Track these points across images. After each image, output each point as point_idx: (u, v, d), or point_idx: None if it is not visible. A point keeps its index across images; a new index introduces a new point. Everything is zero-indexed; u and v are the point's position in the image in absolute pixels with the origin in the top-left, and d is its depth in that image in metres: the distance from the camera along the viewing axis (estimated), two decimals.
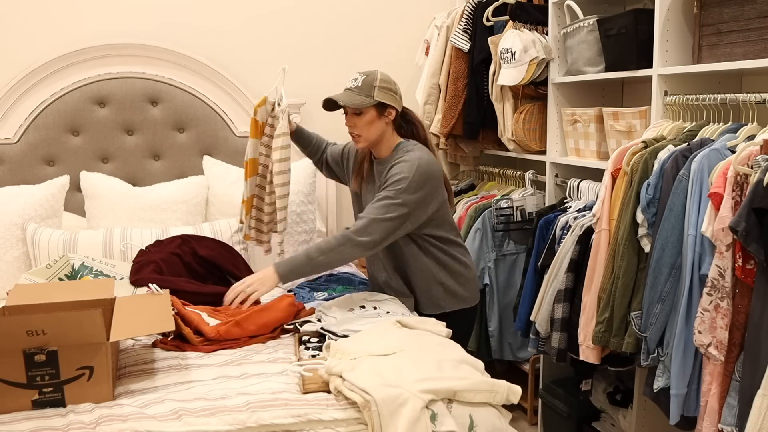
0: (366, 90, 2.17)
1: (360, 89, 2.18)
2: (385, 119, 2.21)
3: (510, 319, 3.05)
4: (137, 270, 2.36)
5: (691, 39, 2.34)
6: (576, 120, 2.78)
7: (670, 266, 1.99)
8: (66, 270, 2.40)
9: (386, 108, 2.20)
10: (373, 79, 2.18)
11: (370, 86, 2.17)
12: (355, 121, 2.20)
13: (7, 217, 2.61)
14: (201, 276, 2.47)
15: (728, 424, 1.79)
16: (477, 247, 3.00)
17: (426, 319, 2.13)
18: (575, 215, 2.53)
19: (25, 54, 3.06)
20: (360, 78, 2.19)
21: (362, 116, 2.18)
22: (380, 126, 2.21)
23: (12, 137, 2.99)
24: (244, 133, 3.27)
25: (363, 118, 2.18)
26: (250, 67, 3.39)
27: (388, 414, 1.58)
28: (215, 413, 1.60)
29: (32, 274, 2.34)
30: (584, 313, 2.26)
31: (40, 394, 1.62)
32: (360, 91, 2.17)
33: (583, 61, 2.69)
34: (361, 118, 2.19)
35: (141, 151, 3.15)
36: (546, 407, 2.88)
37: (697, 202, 1.91)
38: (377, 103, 2.17)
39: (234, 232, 2.76)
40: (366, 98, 2.16)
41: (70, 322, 1.61)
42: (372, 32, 3.57)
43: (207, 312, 2.13)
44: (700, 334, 1.84)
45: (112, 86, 3.08)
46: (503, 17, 3.02)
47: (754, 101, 2.02)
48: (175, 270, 2.39)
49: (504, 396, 1.73)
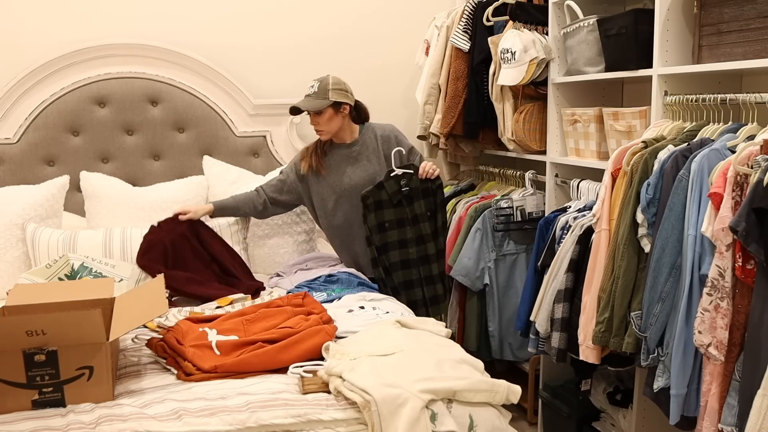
0: (322, 94, 2.61)
1: (317, 94, 2.62)
2: (341, 114, 2.67)
3: (510, 319, 3.05)
4: (146, 250, 2.53)
5: (691, 39, 2.34)
6: (576, 120, 2.78)
7: (670, 266, 1.98)
8: (66, 270, 2.40)
9: (341, 105, 2.65)
10: (327, 83, 2.62)
11: (325, 90, 2.61)
12: (317, 119, 2.65)
13: (7, 217, 2.61)
14: (206, 262, 2.59)
15: (728, 424, 1.79)
16: (477, 247, 3.00)
17: (425, 319, 2.13)
18: (575, 215, 2.53)
19: (25, 54, 3.06)
20: (315, 84, 2.63)
21: (322, 115, 2.63)
22: (338, 120, 2.67)
23: (12, 137, 2.99)
24: (243, 133, 3.27)
25: (323, 116, 2.63)
26: (250, 67, 3.39)
27: (388, 414, 1.58)
28: (215, 413, 1.60)
29: (32, 274, 2.34)
30: (584, 313, 2.26)
31: (40, 394, 1.62)
32: (317, 96, 2.61)
33: (583, 61, 2.69)
34: (322, 116, 2.64)
35: (141, 151, 3.15)
36: (546, 407, 2.88)
37: (697, 202, 1.91)
38: (333, 102, 2.61)
39: (234, 232, 2.75)
40: (323, 100, 2.61)
41: (70, 322, 1.61)
42: (372, 32, 3.56)
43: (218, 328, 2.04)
44: (700, 334, 1.84)
45: (112, 86, 3.08)
46: (503, 17, 3.02)
47: (754, 101, 2.02)
48: (182, 255, 2.57)
49: (504, 396, 1.73)
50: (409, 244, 2.69)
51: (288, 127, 3.34)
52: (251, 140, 3.29)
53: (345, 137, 2.75)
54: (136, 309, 1.82)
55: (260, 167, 3.26)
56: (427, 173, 2.64)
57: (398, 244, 2.70)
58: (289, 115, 3.32)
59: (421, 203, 2.69)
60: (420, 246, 2.70)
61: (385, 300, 2.41)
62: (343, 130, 2.72)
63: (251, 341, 1.93)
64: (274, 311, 2.15)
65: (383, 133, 2.77)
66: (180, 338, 1.95)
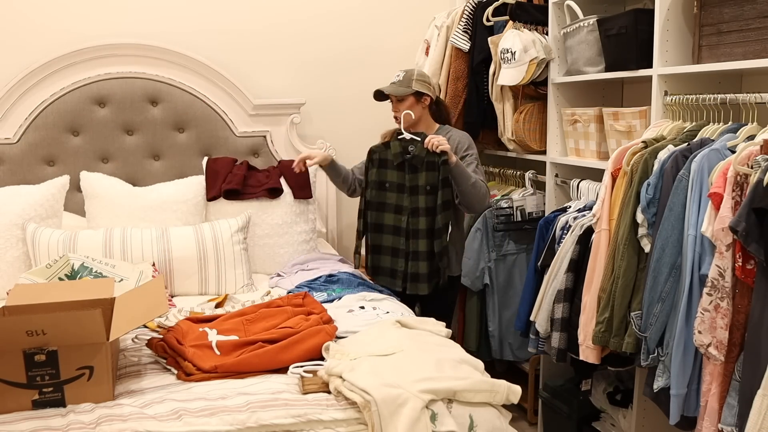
0: (406, 82, 2.67)
1: (401, 82, 2.68)
2: (421, 105, 2.71)
3: (510, 319, 3.05)
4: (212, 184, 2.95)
5: (691, 39, 2.34)
6: (576, 120, 2.78)
7: (670, 266, 1.98)
8: (66, 270, 2.40)
9: (422, 96, 2.70)
10: (412, 73, 2.69)
11: (409, 79, 2.68)
12: (399, 106, 2.70)
13: (7, 217, 2.61)
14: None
15: (728, 424, 1.79)
16: (477, 247, 3.00)
17: (426, 320, 2.13)
18: (575, 215, 2.53)
19: (25, 54, 3.06)
20: (401, 74, 2.71)
21: (403, 102, 2.68)
22: (418, 110, 2.70)
23: (12, 137, 2.99)
24: (243, 133, 3.28)
25: (404, 104, 2.68)
26: (250, 68, 3.39)
27: (388, 414, 1.58)
28: (215, 413, 1.60)
29: (32, 274, 2.34)
30: (584, 313, 2.26)
31: (40, 394, 1.62)
32: (401, 84, 2.68)
33: (583, 61, 2.69)
34: (403, 104, 2.68)
35: (141, 151, 3.15)
36: (546, 407, 2.88)
37: (697, 202, 1.91)
38: (415, 91, 2.66)
39: (233, 232, 2.75)
40: (406, 88, 2.67)
41: (70, 322, 1.61)
42: (372, 32, 3.56)
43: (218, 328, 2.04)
44: (700, 334, 1.84)
45: (112, 86, 3.08)
46: (503, 17, 3.02)
47: (754, 101, 2.02)
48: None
49: (504, 396, 1.73)
50: (403, 211, 2.63)
51: (288, 127, 3.34)
52: (251, 140, 3.29)
53: (421, 129, 2.73)
54: (136, 309, 1.82)
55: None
56: (431, 144, 2.53)
57: (394, 208, 2.65)
58: (288, 114, 3.33)
59: (422, 175, 2.60)
60: (414, 218, 2.61)
61: (385, 300, 2.41)
62: (421, 122, 2.73)
63: (251, 341, 1.92)
64: (274, 311, 2.15)
65: (459, 137, 2.73)
66: (180, 338, 1.95)
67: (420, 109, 2.70)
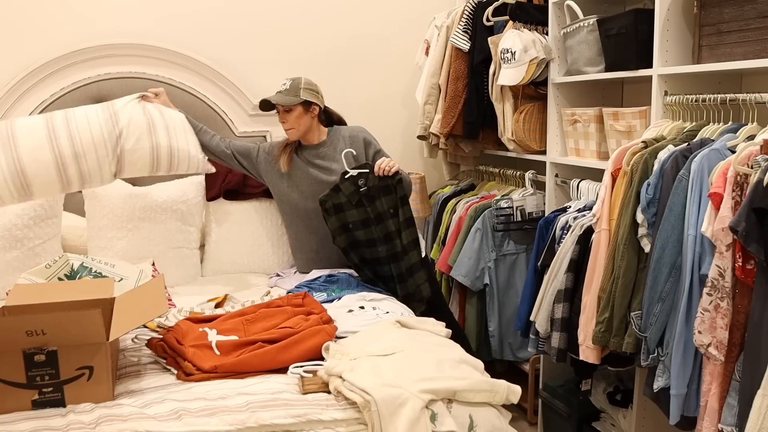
0: (293, 91, 2.64)
1: (288, 91, 2.64)
2: (310, 114, 2.69)
3: (510, 319, 3.05)
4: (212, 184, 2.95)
5: (691, 39, 2.34)
6: (576, 120, 2.78)
7: (670, 266, 1.98)
8: (65, 270, 2.40)
9: (311, 105, 2.67)
10: (299, 82, 2.66)
11: (296, 88, 2.65)
12: (287, 117, 2.67)
13: (7, 217, 2.61)
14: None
15: (728, 424, 1.79)
16: (477, 247, 3.00)
17: (425, 320, 2.13)
18: (575, 215, 2.53)
19: (25, 54, 3.06)
20: (288, 83, 2.67)
21: (291, 113, 2.65)
22: (307, 120, 2.69)
23: None
24: (243, 133, 3.27)
25: (292, 114, 2.66)
26: (250, 67, 3.39)
27: (388, 414, 1.58)
28: (215, 413, 1.60)
29: (31, 274, 2.34)
30: (584, 313, 2.26)
31: (40, 394, 1.62)
32: (288, 93, 2.64)
33: (583, 61, 2.69)
34: (291, 114, 2.66)
35: None
36: (546, 407, 2.88)
37: (697, 202, 1.91)
38: (303, 101, 2.63)
39: None
40: (294, 98, 2.63)
41: (70, 322, 1.61)
42: (372, 32, 3.56)
43: (218, 328, 2.04)
44: (700, 334, 1.84)
45: (112, 86, 3.08)
46: (503, 17, 3.02)
47: (754, 101, 2.02)
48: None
49: (504, 396, 1.73)
50: (377, 243, 2.62)
51: None
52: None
53: (312, 138, 2.75)
54: (136, 309, 1.82)
55: None
56: (383, 170, 2.56)
57: (366, 243, 2.64)
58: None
59: (382, 201, 2.61)
60: (389, 244, 2.62)
61: (385, 300, 2.41)
62: (311, 131, 2.73)
63: (251, 341, 1.92)
64: (274, 311, 2.15)
65: (351, 133, 2.77)
66: (180, 338, 1.95)
67: (309, 119, 2.69)
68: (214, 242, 2.93)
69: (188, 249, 2.85)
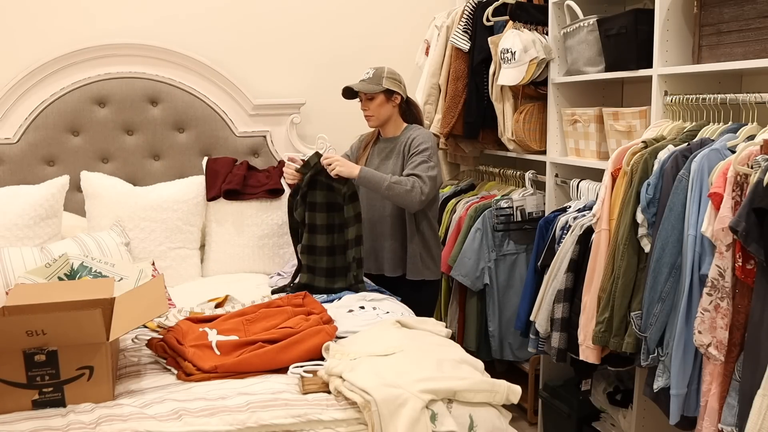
0: (376, 80, 2.65)
1: (371, 79, 2.66)
2: (392, 103, 2.69)
3: (510, 319, 3.05)
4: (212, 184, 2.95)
5: (691, 39, 2.34)
6: (576, 120, 2.78)
7: (670, 266, 1.99)
8: (65, 269, 2.40)
9: (393, 94, 2.67)
10: (382, 71, 2.67)
11: (379, 77, 2.65)
12: (369, 104, 2.68)
13: (7, 217, 2.61)
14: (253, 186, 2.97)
15: (728, 424, 1.79)
16: (477, 247, 3.00)
17: (426, 320, 2.13)
18: (575, 215, 2.53)
19: (25, 54, 3.06)
20: (371, 71, 2.68)
21: (374, 100, 2.67)
22: (388, 109, 2.69)
23: (12, 137, 2.99)
24: (244, 133, 3.27)
25: (374, 101, 2.67)
26: (250, 67, 3.39)
27: (388, 414, 1.58)
28: (215, 413, 1.60)
29: (32, 274, 2.34)
30: (584, 313, 2.26)
31: (40, 394, 1.62)
32: (371, 81, 2.66)
33: (583, 61, 2.69)
34: (373, 101, 2.67)
35: (141, 151, 3.15)
36: (546, 407, 2.88)
37: (697, 202, 1.91)
38: (385, 89, 2.64)
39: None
40: (376, 86, 2.64)
41: (70, 322, 1.61)
42: (372, 32, 3.56)
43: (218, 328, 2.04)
44: (700, 334, 1.84)
45: (112, 86, 3.08)
46: (503, 17, 3.02)
47: (754, 101, 2.02)
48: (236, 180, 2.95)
49: (504, 396, 1.73)
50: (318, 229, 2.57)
51: (288, 127, 3.34)
52: (251, 140, 3.29)
53: (389, 131, 2.74)
54: (136, 309, 1.82)
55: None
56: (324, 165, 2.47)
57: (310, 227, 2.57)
58: (288, 114, 3.33)
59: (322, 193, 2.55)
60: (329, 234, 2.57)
61: (385, 300, 2.41)
62: (390, 122, 2.71)
63: (251, 341, 1.92)
64: (274, 311, 2.15)
65: (417, 136, 2.63)
66: (180, 338, 1.95)
67: (390, 108, 2.68)
68: (214, 242, 2.93)
69: (188, 249, 2.85)
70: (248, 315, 2.14)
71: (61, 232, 2.77)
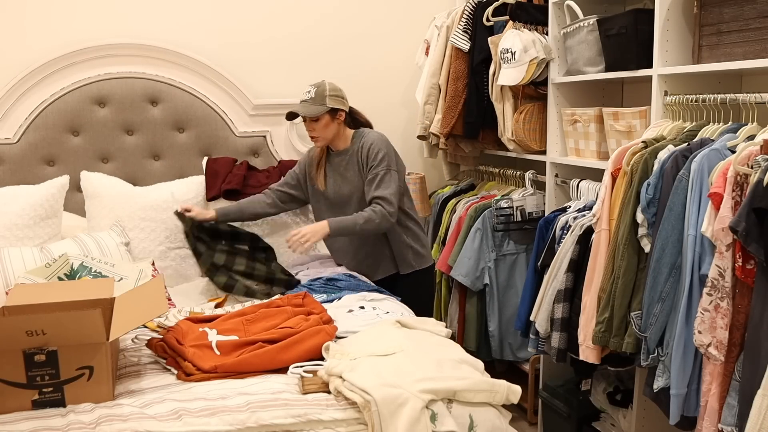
0: (319, 99, 2.56)
1: (314, 99, 2.56)
2: (337, 121, 2.62)
3: (510, 319, 3.05)
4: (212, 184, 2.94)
5: (691, 39, 2.34)
6: (576, 120, 2.78)
7: (670, 266, 1.99)
8: (65, 269, 2.40)
9: (337, 112, 2.60)
10: (324, 89, 2.57)
11: (322, 96, 2.56)
12: (314, 126, 2.59)
13: (7, 217, 2.61)
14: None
15: (728, 424, 1.79)
16: (477, 247, 3.00)
17: (425, 320, 2.13)
18: (575, 215, 2.53)
19: (25, 54, 3.06)
20: (312, 90, 2.58)
21: (319, 121, 2.58)
22: (334, 127, 2.62)
23: (12, 137, 2.99)
24: (244, 133, 3.27)
25: (320, 123, 2.59)
26: (250, 67, 3.39)
27: (388, 414, 1.58)
28: (215, 413, 1.60)
29: (31, 273, 2.34)
30: (584, 313, 2.26)
31: (40, 394, 1.62)
32: (314, 102, 2.56)
33: (583, 61, 2.69)
34: (318, 122, 2.58)
35: (141, 151, 3.15)
36: (546, 407, 2.88)
37: (697, 202, 1.91)
38: (330, 108, 2.56)
39: None
40: (320, 107, 2.55)
41: (70, 322, 1.61)
42: (372, 32, 3.57)
43: (218, 328, 2.04)
44: (700, 334, 1.84)
45: (112, 86, 3.08)
46: (503, 17, 3.02)
47: (754, 101, 2.02)
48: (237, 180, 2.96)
49: (504, 396, 1.73)
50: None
51: (288, 127, 3.34)
52: (251, 140, 3.29)
53: (338, 144, 2.69)
54: (136, 309, 1.82)
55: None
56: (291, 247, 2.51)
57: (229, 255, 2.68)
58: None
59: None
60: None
61: (385, 300, 2.41)
62: (338, 137, 2.67)
63: (251, 341, 1.92)
64: (274, 311, 2.15)
65: (367, 143, 2.62)
66: (180, 338, 1.95)
67: (336, 126, 2.61)
68: None
69: (188, 249, 2.85)
70: (248, 315, 2.14)
71: (61, 232, 2.77)
